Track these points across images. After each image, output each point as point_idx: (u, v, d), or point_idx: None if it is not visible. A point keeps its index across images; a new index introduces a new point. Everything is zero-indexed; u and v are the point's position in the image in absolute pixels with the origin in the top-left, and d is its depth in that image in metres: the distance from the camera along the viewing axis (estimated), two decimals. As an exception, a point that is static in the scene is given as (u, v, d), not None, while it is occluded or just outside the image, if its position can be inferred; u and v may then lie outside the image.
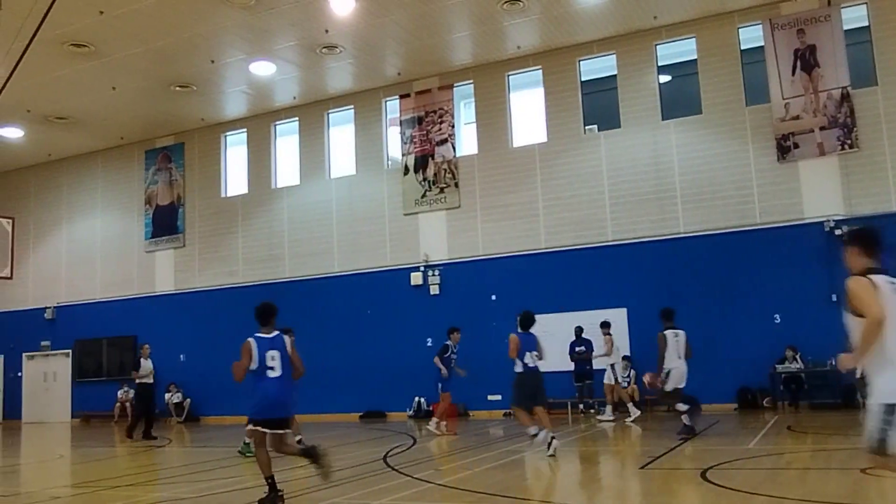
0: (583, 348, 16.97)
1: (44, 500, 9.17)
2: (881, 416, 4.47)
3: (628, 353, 17.82)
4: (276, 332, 7.97)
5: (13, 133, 23.41)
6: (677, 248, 17.90)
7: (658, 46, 18.76)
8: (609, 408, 16.40)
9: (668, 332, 12.44)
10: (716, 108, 18.08)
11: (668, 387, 12.29)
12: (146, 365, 17.29)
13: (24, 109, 21.39)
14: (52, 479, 11.74)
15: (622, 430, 14.48)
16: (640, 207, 18.41)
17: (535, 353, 11.45)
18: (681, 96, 19.05)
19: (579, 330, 17.10)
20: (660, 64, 18.87)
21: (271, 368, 7.76)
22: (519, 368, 11.35)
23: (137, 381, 17.18)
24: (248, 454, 11.78)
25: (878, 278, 4.67)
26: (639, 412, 16.11)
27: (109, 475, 11.63)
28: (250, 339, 7.77)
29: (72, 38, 17.33)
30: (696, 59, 18.44)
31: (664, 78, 19.22)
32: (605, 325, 16.82)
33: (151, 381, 17.39)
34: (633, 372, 17.61)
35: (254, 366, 7.68)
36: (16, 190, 26.95)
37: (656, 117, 18.56)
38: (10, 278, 17.40)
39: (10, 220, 16.53)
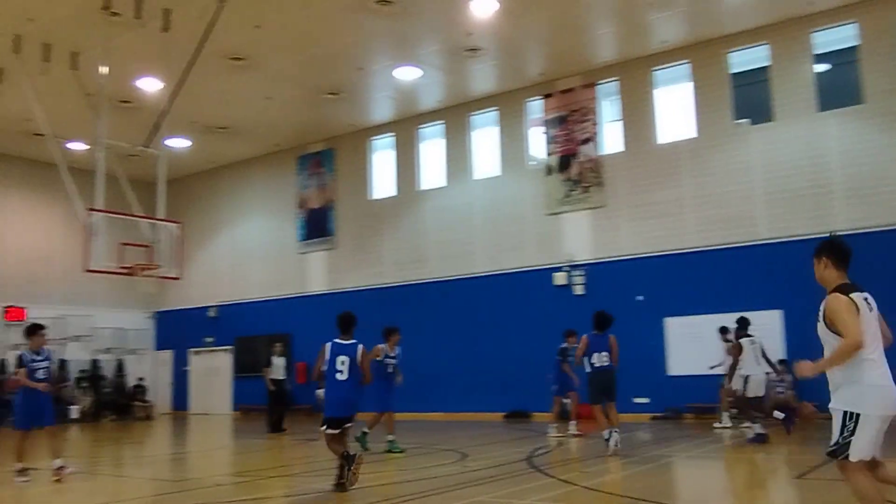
0: None
1: (209, 487, 9.80)
2: (843, 421, 4.70)
3: (784, 357, 17.01)
4: (353, 341, 8.90)
5: (181, 143, 25.04)
6: (837, 247, 16.90)
7: (814, 34, 17.79)
8: (725, 415, 15.68)
9: (745, 340, 12.83)
10: (880, 97, 16.92)
11: (749, 394, 12.67)
12: (278, 362, 18.33)
13: (190, 121, 22.87)
14: (216, 467, 12.49)
15: (776, 437, 13.83)
16: (796, 204, 17.52)
17: (604, 353, 11.87)
18: (840, 86, 17.97)
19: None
20: (816, 52, 17.90)
21: (340, 372, 8.76)
22: (587, 368, 11.91)
23: (270, 377, 18.16)
24: (365, 445, 12.35)
25: (857, 296, 4.78)
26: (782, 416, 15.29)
27: (267, 465, 12.25)
28: (326, 344, 8.81)
29: (231, 52, 18.37)
30: (856, 46, 17.35)
31: (821, 67, 18.21)
32: (724, 331, 15.99)
33: (283, 376, 18.48)
34: (788, 377, 16.79)
35: (325, 367, 8.74)
36: (183, 196, 28.75)
37: (812, 109, 17.61)
38: (179, 279, 18.61)
39: (179, 225, 17.70)
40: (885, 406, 4.68)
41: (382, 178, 24.60)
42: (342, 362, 8.74)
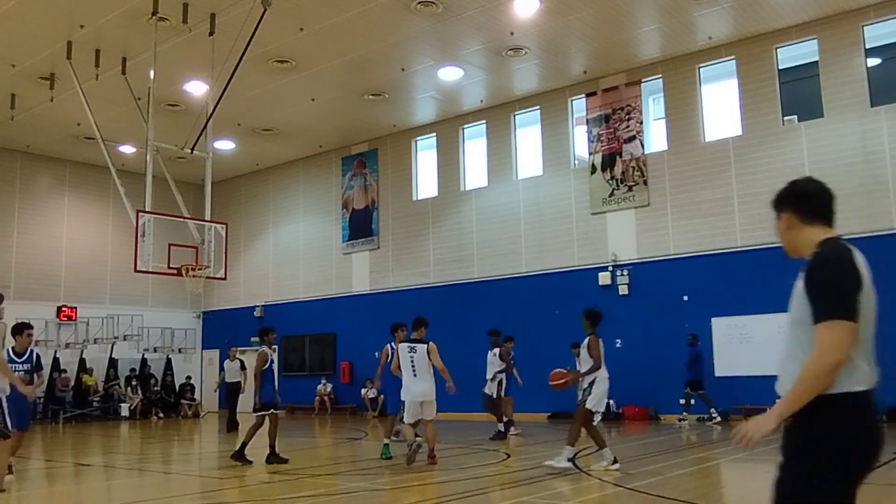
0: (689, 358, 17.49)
1: (254, 485, 9.92)
2: None
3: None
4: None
5: (226, 145, 25.41)
6: (890, 246, 16.50)
7: (865, 27, 17.39)
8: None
9: None
10: (935, 92, 16.50)
11: None
12: (231, 366, 19.70)
13: (235, 123, 23.19)
14: (262, 465, 12.62)
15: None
16: (848, 202, 17.11)
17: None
18: (893, 80, 17.55)
19: (693, 338, 17.57)
20: (868, 46, 17.49)
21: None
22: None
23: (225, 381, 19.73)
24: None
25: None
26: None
27: (311, 464, 12.36)
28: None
29: (275, 54, 18.58)
30: (911, 39, 16.93)
31: (873, 61, 17.79)
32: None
33: (238, 379, 19.63)
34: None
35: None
36: (229, 197, 29.17)
37: (864, 104, 17.21)
38: (225, 279, 18.88)
39: (224, 226, 17.94)
40: None
41: (425, 178, 24.66)
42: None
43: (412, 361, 10.70)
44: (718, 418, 17.13)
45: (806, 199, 3.34)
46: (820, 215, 3.32)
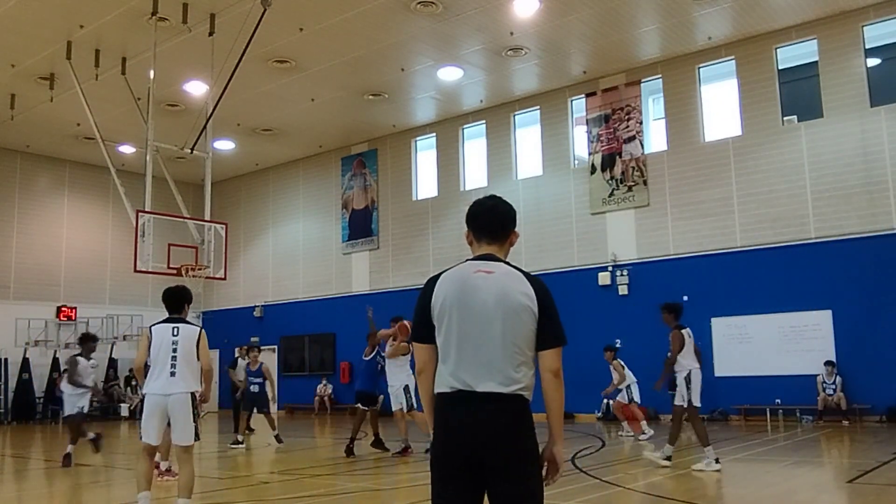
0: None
1: (255, 485, 9.92)
2: None
3: (833, 359, 16.70)
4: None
5: (226, 145, 25.41)
6: (890, 246, 16.52)
7: (865, 27, 17.40)
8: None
9: None
10: (935, 92, 16.51)
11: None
12: (242, 364, 18.90)
13: (235, 123, 23.19)
14: (262, 465, 12.62)
15: (826, 440, 13.57)
16: (847, 202, 17.16)
17: None
18: (892, 80, 17.56)
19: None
20: (868, 46, 17.50)
21: None
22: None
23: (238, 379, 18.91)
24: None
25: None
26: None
27: (312, 464, 12.36)
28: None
29: (275, 54, 18.58)
30: (910, 40, 16.94)
31: (873, 61, 17.80)
32: None
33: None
34: (838, 378, 16.49)
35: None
36: (228, 198, 29.18)
37: (864, 104, 17.22)
38: (224, 279, 18.87)
39: (224, 226, 17.94)
40: None
41: (425, 178, 24.66)
42: None
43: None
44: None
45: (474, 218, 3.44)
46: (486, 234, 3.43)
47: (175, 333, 6.98)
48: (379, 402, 13.39)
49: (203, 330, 7.34)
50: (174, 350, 6.94)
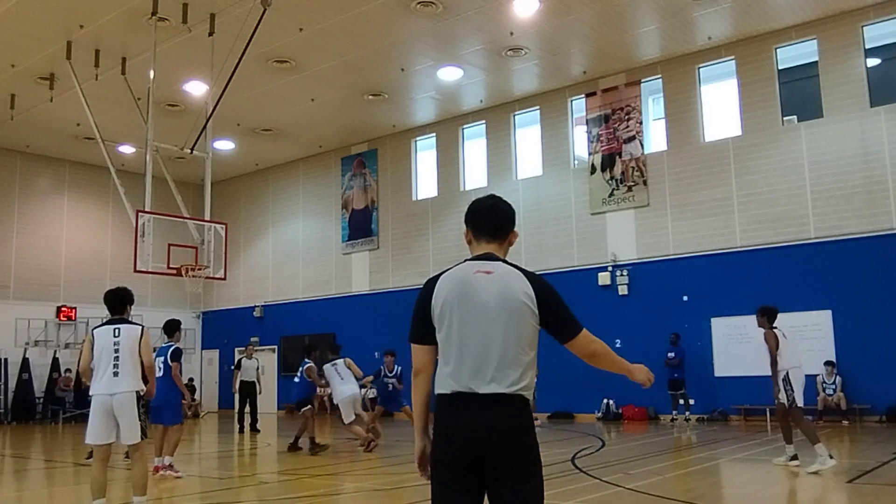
0: (673, 355, 17.98)
1: (255, 485, 9.92)
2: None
3: (832, 359, 16.71)
4: None
5: (226, 145, 25.41)
6: (890, 246, 16.52)
7: (865, 28, 17.41)
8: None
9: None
10: (934, 92, 16.50)
11: None
12: (248, 364, 19.63)
13: (234, 123, 23.19)
14: (262, 465, 12.63)
15: (826, 440, 13.55)
16: (847, 202, 17.16)
17: None
18: (892, 80, 17.56)
19: (675, 337, 18.13)
20: (867, 46, 17.51)
21: None
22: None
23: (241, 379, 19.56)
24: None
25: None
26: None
27: (311, 464, 12.36)
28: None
29: (275, 54, 18.58)
30: (910, 40, 16.93)
31: (873, 61, 17.80)
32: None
33: (253, 378, 19.59)
34: (838, 378, 16.50)
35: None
36: (228, 198, 29.17)
37: (864, 104, 17.22)
38: (224, 279, 18.87)
39: (224, 226, 17.94)
40: None
41: (425, 178, 24.67)
42: None
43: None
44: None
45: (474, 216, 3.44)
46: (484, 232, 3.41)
47: (116, 334, 7.21)
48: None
49: (145, 328, 7.50)
50: (116, 351, 7.12)
